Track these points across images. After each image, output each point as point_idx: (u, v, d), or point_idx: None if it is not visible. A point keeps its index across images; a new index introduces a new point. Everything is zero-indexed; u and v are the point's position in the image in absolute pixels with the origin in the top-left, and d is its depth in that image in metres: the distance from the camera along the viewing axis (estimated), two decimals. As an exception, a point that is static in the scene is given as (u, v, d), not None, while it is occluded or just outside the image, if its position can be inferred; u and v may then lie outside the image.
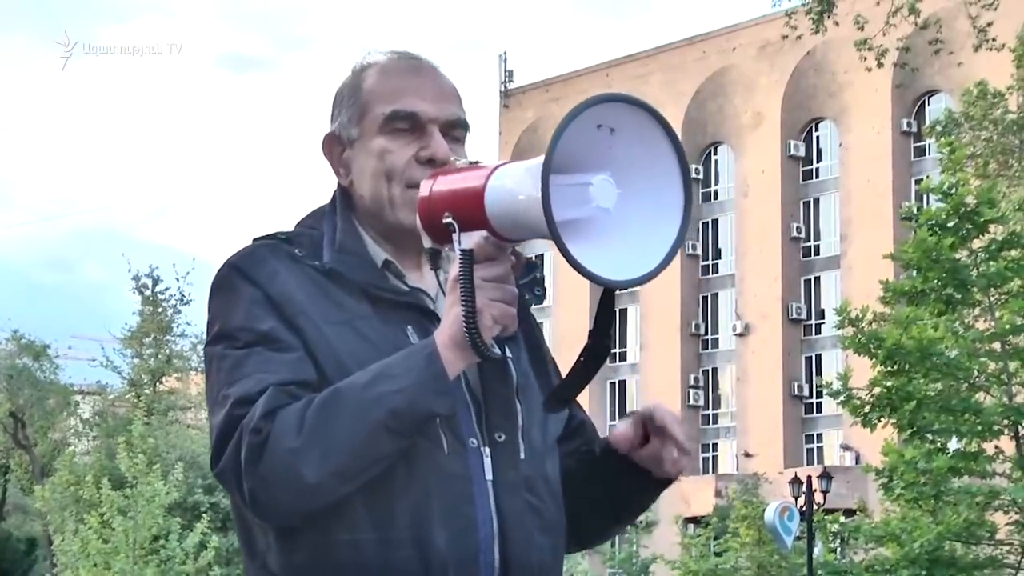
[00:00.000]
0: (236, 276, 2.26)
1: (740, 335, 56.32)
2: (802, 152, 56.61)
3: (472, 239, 2.06)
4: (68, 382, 42.98)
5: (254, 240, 2.35)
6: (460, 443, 2.19)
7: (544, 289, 2.31)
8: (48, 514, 28.57)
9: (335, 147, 2.39)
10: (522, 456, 2.24)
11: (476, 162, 2.19)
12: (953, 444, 18.58)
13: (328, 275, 2.26)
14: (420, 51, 2.43)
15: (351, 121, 2.36)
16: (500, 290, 2.09)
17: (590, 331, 2.18)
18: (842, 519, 20.84)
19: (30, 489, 36.77)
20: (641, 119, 2.03)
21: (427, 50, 2.44)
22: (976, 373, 18.56)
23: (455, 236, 2.07)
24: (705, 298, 58.23)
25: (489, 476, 2.20)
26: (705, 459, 56.75)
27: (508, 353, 2.28)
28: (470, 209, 2.06)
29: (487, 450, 2.21)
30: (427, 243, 2.17)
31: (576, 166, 2.01)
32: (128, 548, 21.66)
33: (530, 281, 2.23)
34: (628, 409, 59.05)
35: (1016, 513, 18.57)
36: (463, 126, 2.36)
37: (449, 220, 2.07)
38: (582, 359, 2.17)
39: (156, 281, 36.40)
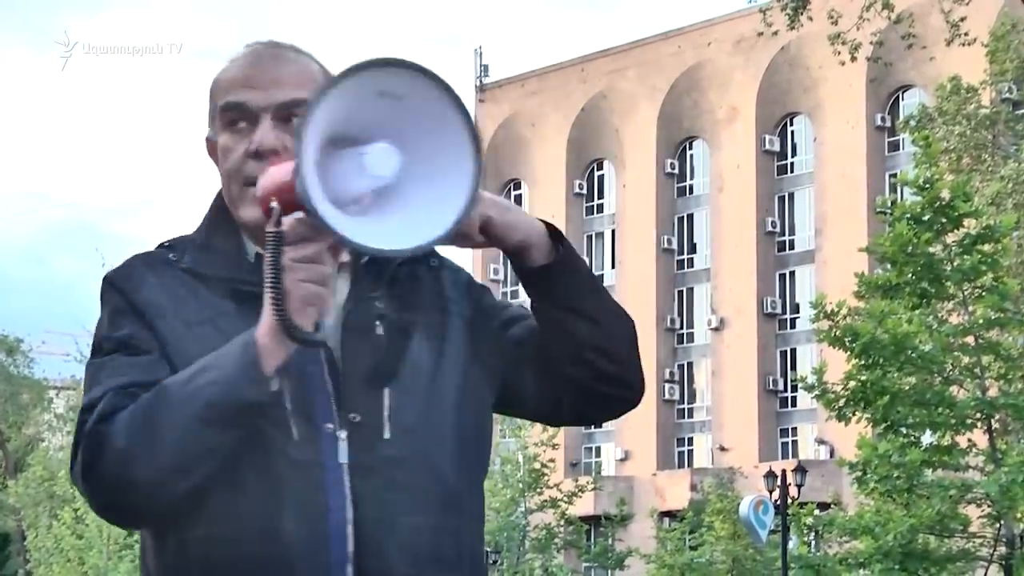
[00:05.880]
0: (107, 288, 2.27)
1: (715, 329, 56.41)
2: (777, 147, 56.71)
3: (287, 221, 2.04)
4: (42, 377, 42.83)
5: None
6: (314, 429, 2.15)
7: (440, 258, 2.31)
8: (22, 510, 28.45)
9: (210, 149, 2.36)
10: (386, 436, 2.18)
11: None
12: (927, 438, 18.65)
13: (195, 275, 2.25)
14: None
15: (209, 120, 2.34)
16: (309, 270, 2.05)
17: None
18: (816, 512, 20.86)
19: (3, 485, 36.57)
20: (425, 85, 1.99)
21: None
22: (950, 367, 18.62)
23: (272, 220, 2.04)
24: (680, 292, 58.30)
25: (343, 460, 2.15)
26: (680, 453, 56.84)
27: (380, 329, 2.22)
28: (288, 193, 2.03)
29: (343, 433, 2.16)
30: None
31: (364, 137, 2.00)
32: (102, 544, 21.61)
33: (425, 255, 2.24)
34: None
35: (988, 506, 18.64)
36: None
37: (274, 205, 2.05)
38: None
39: (130, 276, 36.25)
